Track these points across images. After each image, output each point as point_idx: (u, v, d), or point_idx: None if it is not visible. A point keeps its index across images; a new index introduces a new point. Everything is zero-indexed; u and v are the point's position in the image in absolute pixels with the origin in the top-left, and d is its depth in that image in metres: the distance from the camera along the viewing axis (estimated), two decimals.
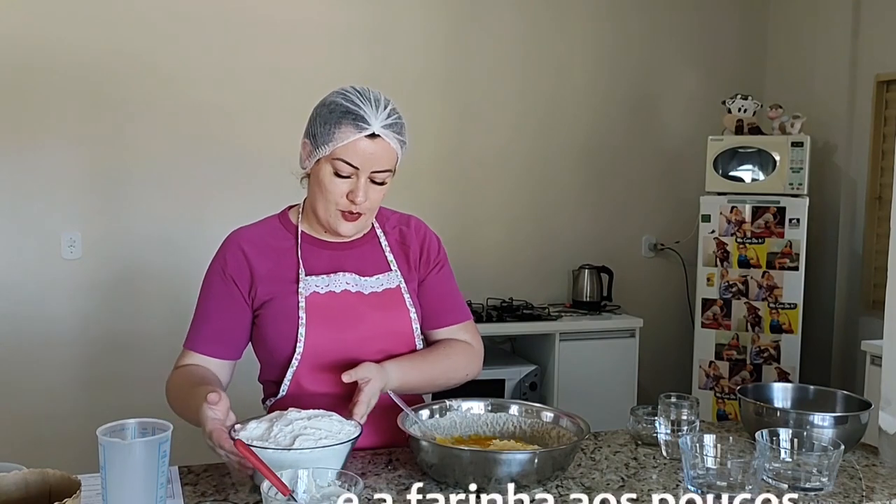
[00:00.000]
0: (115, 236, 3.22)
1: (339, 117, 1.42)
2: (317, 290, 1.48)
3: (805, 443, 1.35)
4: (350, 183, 1.44)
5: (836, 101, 3.77)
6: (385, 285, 1.53)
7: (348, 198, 1.44)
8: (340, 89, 1.46)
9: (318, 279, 1.49)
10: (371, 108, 1.42)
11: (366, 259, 1.55)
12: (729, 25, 4.10)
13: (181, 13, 3.23)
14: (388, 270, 1.55)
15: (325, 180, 1.44)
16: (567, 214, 3.92)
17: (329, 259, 1.52)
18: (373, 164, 1.43)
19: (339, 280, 1.50)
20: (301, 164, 1.52)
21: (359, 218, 1.48)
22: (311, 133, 1.45)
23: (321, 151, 1.43)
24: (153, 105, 3.23)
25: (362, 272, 1.53)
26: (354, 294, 1.50)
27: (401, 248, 1.59)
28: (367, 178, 1.44)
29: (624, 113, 3.96)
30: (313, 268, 1.51)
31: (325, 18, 3.44)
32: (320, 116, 1.44)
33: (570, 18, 3.83)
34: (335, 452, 1.21)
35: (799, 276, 3.48)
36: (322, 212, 1.48)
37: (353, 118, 1.41)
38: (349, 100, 1.42)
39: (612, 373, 3.53)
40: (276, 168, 3.39)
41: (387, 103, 1.45)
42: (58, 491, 1.03)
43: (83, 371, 3.20)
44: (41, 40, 3.06)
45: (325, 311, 1.47)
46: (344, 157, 1.42)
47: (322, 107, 1.46)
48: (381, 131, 1.42)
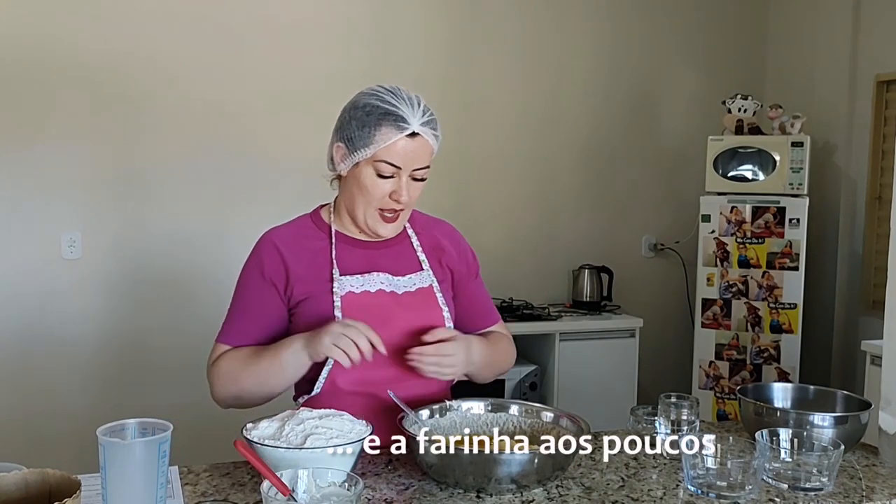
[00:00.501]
0: (115, 236, 3.22)
1: (377, 119, 1.42)
2: (352, 290, 1.49)
3: (805, 443, 1.35)
4: (392, 183, 1.46)
5: (836, 101, 3.77)
6: (418, 285, 1.55)
7: (392, 197, 1.46)
8: (370, 90, 1.46)
9: (353, 279, 1.50)
10: (408, 107, 1.43)
11: (399, 259, 1.56)
12: (729, 25, 4.10)
13: (181, 12, 3.23)
14: (420, 270, 1.57)
15: (366, 182, 1.46)
16: (567, 214, 3.92)
17: (363, 258, 1.54)
18: (414, 162, 1.45)
19: (374, 280, 1.52)
20: (333, 166, 1.53)
21: (398, 217, 1.50)
22: (347, 136, 1.46)
23: (361, 154, 1.44)
24: (154, 105, 3.23)
25: (395, 272, 1.54)
26: (388, 294, 1.52)
27: (433, 251, 1.61)
28: (408, 177, 1.45)
29: (624, 113, 3.96)
30: (348, 267, 1.52)
31: (324, 18, 3.44)
32: (355, 119, 1.45)
33: (570, 18, 3.83)
34: (346, 452, 1.21)
35: (799, 276, 3.48)
36: (361, 214, 1.50)
37: (394, 119, 1.42)
38: (384, 100, 1.43)
39: (612, 373, 3.53)
40: (276, 168, 3.41)
41: (419, 100, 1.46)
42: (58, 491, 1.02)
43: (83, 371, 3.20)
44: (42, 39, 3.06)
45: (360, 310, 1.48)
46: (386, 159, 1.43)
47: (356, 109, 1.46)
48: (419, 129, 1.43)
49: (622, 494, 1.28)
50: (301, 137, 3.42)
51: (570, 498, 1.26)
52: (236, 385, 1.47)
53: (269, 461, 1.16)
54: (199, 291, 3.33)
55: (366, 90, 1.47)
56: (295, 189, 3.44)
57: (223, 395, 1.49)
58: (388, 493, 1.26)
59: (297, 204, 3.55)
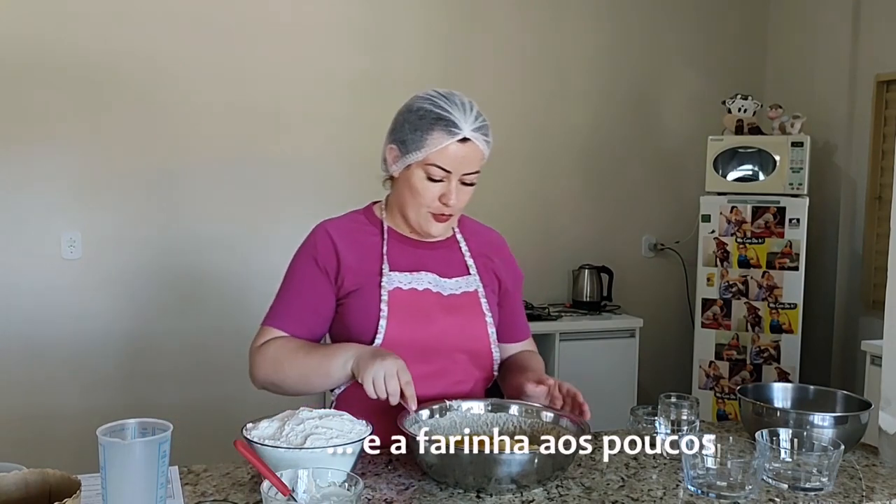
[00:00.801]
0: (115, 236, 3.22)
1: (430, 123, 1.46)
2: (400, 287, 1.52)
3: (805, 443, 1.35)
4: (442, 186, 1.49)
5: (836, 101, 3.77)
6: (463, 288, 1.58)
7: (441, 201, 1.49)
8: (425, 94, 1.50)
9: (402, 276, 1.53)
10: (461, 113, 1.46)
11: (446, 261, 1.60)
12: (729, 25, 4.10)
13: (182, 12, 3.23)
14: (467, 274, 1.60)
15: (417, 185, 1.49)
16: (567, 214, 3.91)
17: (413, 257, 1.57)
18: (464, 166, 1.48)
19: (422, 279, 1.55)
20: (386, 167, 1.56)
21: (449, 218, 1.53)
22: (400, 139, 1.49)
23: (413, 157, 1.47)
24: (154, 105, 3.23)
25: (443, 273, 1.57)
26: (434, 294, 1.54)
27: (481, 257, 1.64)
28: (458, 181, 1.48)
29: (624, 113, 3.96)
30: (397, 264, 1.55)
31: (324, 17, 3.44)
32: (409, 123, 1.48)
33: (570, 18, 3.83)
34: (346, 452, 1.21)
35: (799, 276, 3.48)
36: (413, 214, 1.53)
37: (446, 124, 1.45)
38: (438, 105, 1.46)
39: (612, 373, 3.53)
40: (276, 169, 3.41)
41: (472, 106, 1.49)
42: (58, 491, 1.02)
43: (83, 371, 3.20)
44: (42, 39, 3.06)
45: (406, 307, 1.51)
46: (437, 162, 1.46)
47: (409, 112, 1.49)
48: (471, 135, 1.47)
49: (622, 494, 1.28)
50: (303, 137, 3.43)
51: (570, 498, 1.26)
52: (279, 374, 1.49)
53: (269, 461, 1.17)
54: (199, 292, 3.33)
55: (421, 94, 1.51)
56: (295, 189, 3.45)
57: (262, 379, 1.51)
58: (388, 493, 1.26)
59: (297, 204, 3.58)
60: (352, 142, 3.48)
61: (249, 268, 3.31)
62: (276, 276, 1.59)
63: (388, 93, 3.60)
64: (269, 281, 1.67)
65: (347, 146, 3.48)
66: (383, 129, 1.56)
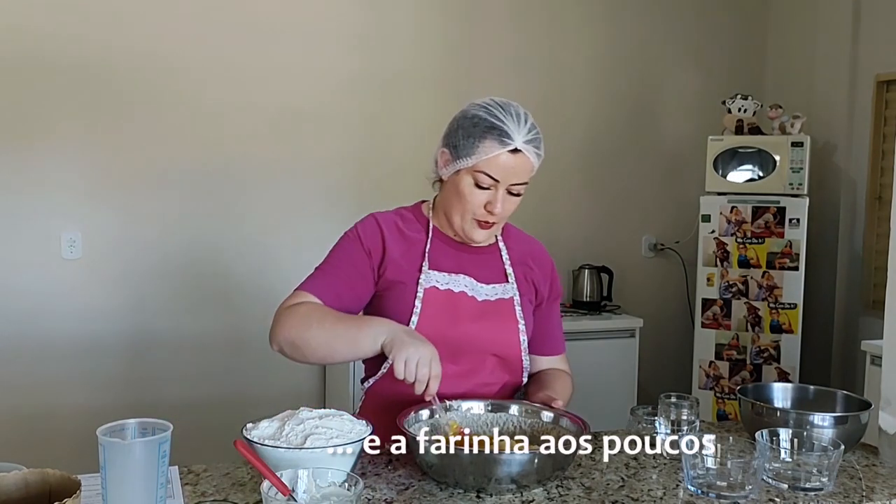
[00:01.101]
0: (115, 236, 3.22)
1: (483, 131, 1.47)
2: (437, 286, 1.54)
3: (805, 443, 1.35)
4: (489, 194, 1.50)
5: (836, 101, 3.77)
6: (499, 295, 1.59)
7: (486, 208, 1.50)
8: (481, 102, 1.51)
9: (440, 275, 1.55)
10: (514, 124, 1.47)
11: (486, 267, 1.61)
12: (729, 25, 4.10)
13: (182, 12, 3.23)
14: (504, 282, 1.61)
15: (464, 191, 1.50)
16: (567, 214, 3.91)
17: (454, 259, 1.59)
18: (512, 177, 1.49)
19: (459, 281, 1.56)
20: (436, 170, 1.58)
21: (492, 226, 1.54)
22: (452, 144, 1.51)
23: (462, 163, 1.49)
24: (155, 104, 3.23)
25: (480, 279, 1.59)
26: (469, 298, 1.56)
27: (521, 265, 1.65)
28: (504, 190, 1.49)
29: (624, 113, 3.96)
30: (438, 264, 1.57)
31: (324, 17, 3.44)
32: (462, 128, 1.49)
33: (570, 18, 3.83)
34: (346, 452, 1.21)
35: (799, 276, 3.48)
36: (458, 219, 1.54)
37: (498, 133, 1.46)
38: (492, 114, 1.47)
39: (612, 373, 3.52)
40: (276, 169, 3.41)
41: (527, 118, 1.50)
42: (58, 491, 1.02)
43: (83, 371, 3.20)
44: (42, 38, 3.06)
45: (440, 307, 1.53)
46: (486, 170, 1.47)
47: (464, 119, 1.51)
48: (522, 146, 1.48)
49: (622, 494, 1.28)
50: (305, 138, 3.43)
51: (570, 498, 1.26)
52: (303, 334, 1.45)
53: (269, 461, 1.17)
54: (199, 292, 3.33)
55: (477, 101, 1.52)
56: (296, 190, 3.45)
57: (284, 338, 1.47)
58: (388, 493, 1.26)
59: (298, 204, 3.57)
60: (356, 142, 3.48)
61: (249, 268, 3.31)
62: (276, 276, 1.60)
63: (387, 93, 3.63)
64: (270, 281, 1.67)
65: (352, 146, 3.48)
66: (386, 128, 1.57)
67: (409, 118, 3.53)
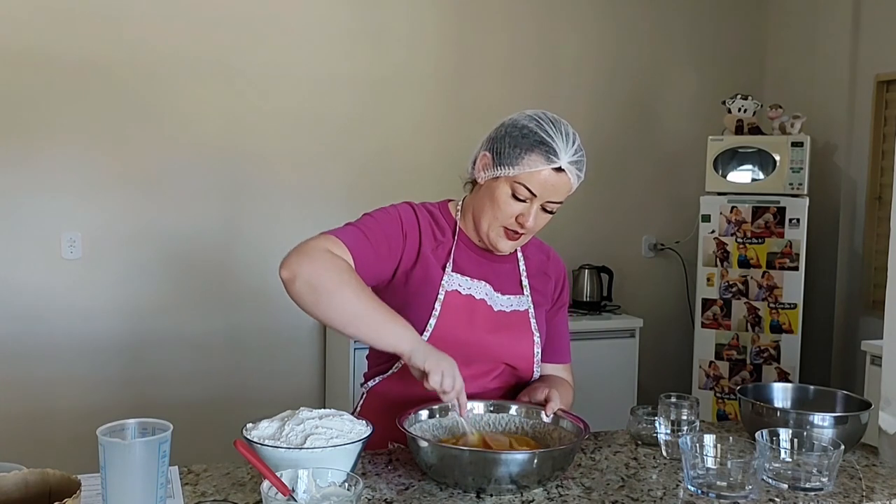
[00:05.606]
0: (115, 236, 3.22)
1: (531, 144, 1.44)
2: (458, 290, 1.52)
3: (805, 443, 1.35)
4: (523, 206, 1.47)
5: (836, 101, 3.77)
6: (514, 307, 1.58)
7: (517, 220, 1.48)
8: (533, 113, 1.49)
9: (463, 279, 1.53)
10: (563, 142, 1.45)
11: (504, 277, 1.59)
12: (729, 26, 4.10)
13: (182, 13, 3.23)
14: (520, 294, 1.60)
15: (500, 199, 1.48)
16: (567, 214, 3.87)
17: (476, 265, 1.57)
18: (551, 194, 1.47)
19: (481, 288, 1.55)
20: (473, 172, 1.54)
21: (519, 237, 1.52)
22: (497, 150, 1.48)
23: (504, 171, 1.46)
24: (155, 105, 3.23)
25: (498, 288, 1.57)
26: (487, 306, 1.54)
27: (537, 276, 1.64)
28: (539, 206, 1.47)
29: (624, 113, 3.96)
30: (462, 268, 1.55)
31: (324, 17, 3.44)
32: (510, 137, 1.47)
33: (569, 18, 3.83)
34: (346, 452, 1.21)
35: (799, 276, 3.48)
36: (486, 224, 1.52)
37: (546, 149, 1.44)
38: (543, 129, 1.45)
39: (612, 373, 3.52)
40: (276, 169, 3.41)
41: (575, 138, 1.48)
42: (58, 491, 1.02)
43: (83, 371, 3.20)
44: (42, 38, 3.06)
45: (459, 311, 1.51)
46: (526, 183, 1.45)
47: (513, 128, 1.48)
48: (566, 166, 1.46)
49: (622, 494, 1.28)
50: (304, 137, 3.43)
51: (570, 498, 1.26)
52: (333, 288, 1.34)
53: (269, 461, 1.16)
54: (199, 292, 3.33)
55: (529, 112, 1.50)
56: (295, 190, 3.45)
57: (308, 274, 1.35)
58: (388, 493, 1.26)
59: (297, 204, 3.57)
60: (352, 142, 3.48)
61: (249, 268, 3.31)
62: (276, 277, 1.57)
63: (387, 93, 3.63)
64: (270, 281, 1.66)
65: (348, 146, 3.48)
66: (384, 128, 1.56)
67: (405, 116, 3.54)
